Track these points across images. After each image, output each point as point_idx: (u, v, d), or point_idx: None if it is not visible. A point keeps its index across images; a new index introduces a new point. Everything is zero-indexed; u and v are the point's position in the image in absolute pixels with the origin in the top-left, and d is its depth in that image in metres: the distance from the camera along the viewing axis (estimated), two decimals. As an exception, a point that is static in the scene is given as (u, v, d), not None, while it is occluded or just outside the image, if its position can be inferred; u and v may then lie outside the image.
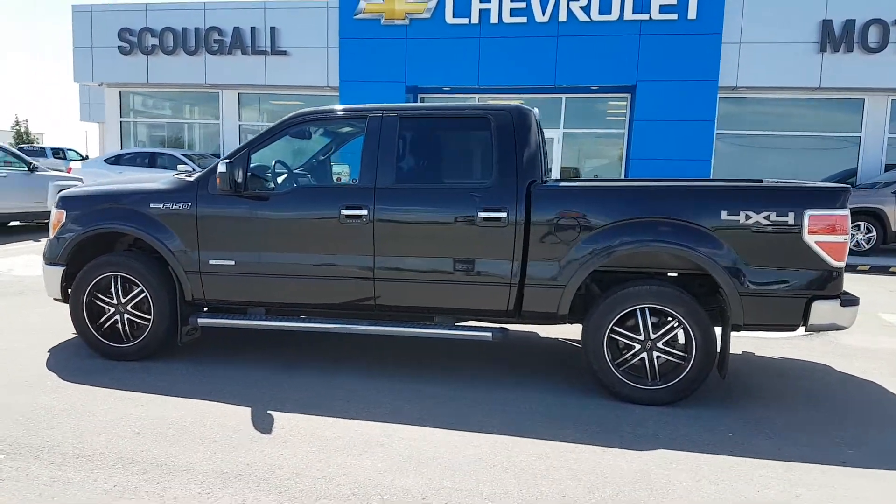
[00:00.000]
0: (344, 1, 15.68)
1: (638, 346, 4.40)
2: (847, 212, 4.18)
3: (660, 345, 4.37)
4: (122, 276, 4.92)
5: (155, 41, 17.13)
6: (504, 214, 4.45)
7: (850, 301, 4.26)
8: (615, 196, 4.49)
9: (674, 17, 14.28)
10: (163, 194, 4.87)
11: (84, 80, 18.04)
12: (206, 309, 5.10)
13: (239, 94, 17.70)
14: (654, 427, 4.03)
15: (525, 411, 4.22)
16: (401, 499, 3.08)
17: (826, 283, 4.20)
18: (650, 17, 14.36)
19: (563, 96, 15.95)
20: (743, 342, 6.03)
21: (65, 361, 4.95)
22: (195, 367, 4.92)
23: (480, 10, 15.13)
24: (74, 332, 5.12)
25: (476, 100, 16.39)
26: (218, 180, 4.58)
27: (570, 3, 14.68)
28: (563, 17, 14.78)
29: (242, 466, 3.35)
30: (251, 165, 4.83)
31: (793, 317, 4.24)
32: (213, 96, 18.04)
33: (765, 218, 4.18)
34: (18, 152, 12.41)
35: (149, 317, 4.92)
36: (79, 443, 3.57)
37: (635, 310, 4.37)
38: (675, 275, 4.62)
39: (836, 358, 5.69)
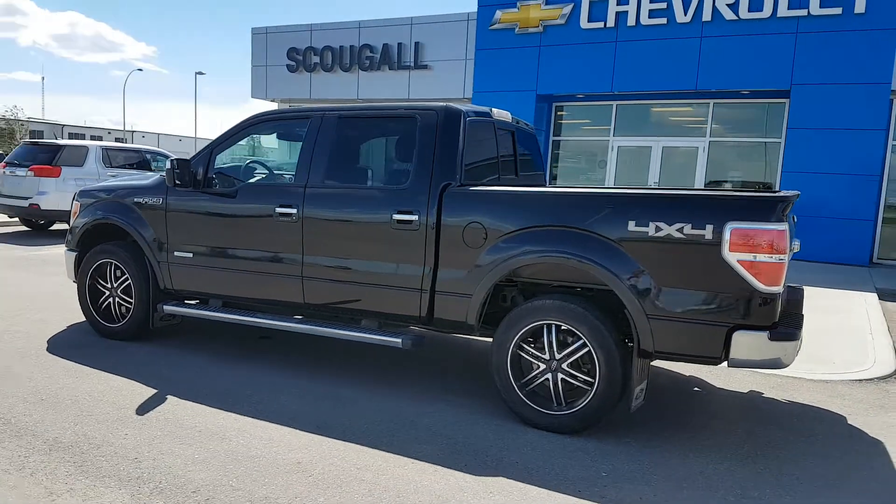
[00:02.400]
0: (481, 12, 15.84)
1: (543, 366, 3.96)
2: (784, 226, 3.41)
3: (565, 366, 3.90)
4: (113, 264, 5.48)
5: (317, 59, 18.62)
6: (415, 217, 4.26)
7: (784, 335, 3.46)
8: (520, 202, 4.08)
9: (837, 11, 12.42)
10: (145, 189, 5.34)
11: (259, 97, 20.11)
12: (197, 301, 5.48)
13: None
14: (522, 455, 3.61)
15: (403, 423, 3.99)
16: (175, 488, 3.09)
17: (751, 311, 3.46)
18: (808, 12, 12.64)
19: (711, 101, 14.60)
20: (761, 380, 5.14)
21: (68, 336, 5.62)
22: (163, 350, 5.31)
23: (617, 13, 14.40)
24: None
25: (614, 108, 15.63)
26: (165, 176, 4.94)
27: (717, 1, 13.41)
28: (707, 16, 13.55)
29: (81, 440, 3.58)
30: (220, 164, 5.14)
31: (711, 348, 3.55)
32: (365, 109, 19.16)
33: (678, 231, 3.55)
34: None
35: (132, 301, 5.42)
36: (-14, 402, 4.06)
37: (542, 326, 3.94)
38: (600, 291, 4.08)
39: (868, 409, 4.63)
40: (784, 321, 3.68)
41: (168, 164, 4.90)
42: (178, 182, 4.90)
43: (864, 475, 3.59)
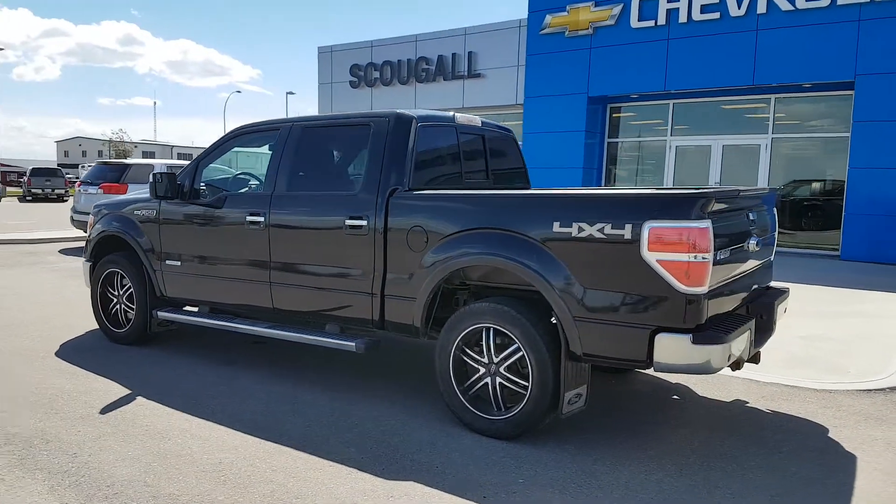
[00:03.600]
0: (532, 17, 15.76)
1: (483, 370, 3.91)
2: (706, 224, 3.22)
3: (502, 370, 3.83)
4: (119, 273, 5.82)
5: (376, 74, 19.07)
6: (365, 222, 4.31)
7: (708, 338, 3.25)
8: (456, 205, 4.06)
9: (905, -7, 11.56)
10: (144, 201, 5.65)
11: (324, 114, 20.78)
12: (197, 308, 5.73)
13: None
14: (448, 460, 3.57)
15: (344, 426, 4.03)
16: (92, 482, 3.25)
17: (673, 313, 3.28)
18: (873, -3, 11.83)
19: (772, 97, 13.87)
20: (754, 389, 4.85)
21: (81, 341, 6.00)
22: (158, 354, 5.59)
23: (668, 11, 13.98)
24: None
25: (671, 107, 15.11)
26: (148, 189, 5.22)
27: (772, -9, 12.78)
28: (762, 8, 12.93)
29: (36, 435, 3.82)
30: (207, 176, 5.39)
31: (636, 351, 3.39)
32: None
33: (599, 231, 3.43)
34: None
35: (134, 307, 5.74)
36: (-28, 400, 4.42)
37: (481, 329, 3.90)
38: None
39: (860, 421, 4.28)
40: (720, 324, 3.47)
41: (151, 178, 5.17)
42: (159, 194, 5.17)
43: (813, 491, 3.32)
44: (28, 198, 35.14)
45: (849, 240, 12.58)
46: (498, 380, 3.85)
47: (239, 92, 77.82)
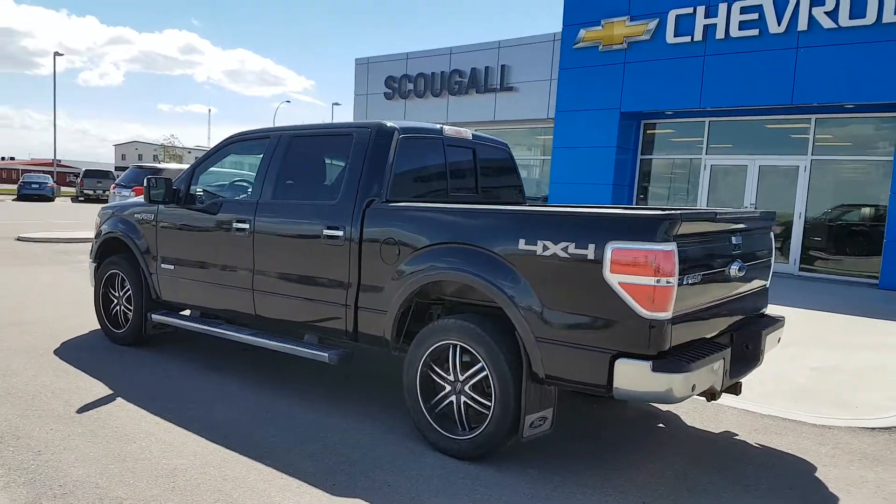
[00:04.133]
0: (566, 31, 15.63)
1: (449, 388, 3.83)
2: (671, 247, 3.09)
3: (467, 388, 3.74)
4: (120, 275, 5.93)
5: (410, 86, 19.18)
6: (341, 233, 4.29)
7: (669, 366, 3.10)
8: (426, 219, 3.99)
9: (954, 11, 11.07)
10: (144, 205, 5.74)
11: (359, 122, 20.99)
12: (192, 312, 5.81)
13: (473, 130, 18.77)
14: (404, 479, 3.49)
15: (310, 438, 3.99)
16: (46, 481, 3.28)
17: (633, 338, 3.14)
18: (919, 15, 11.36)
19: (813, 117, 13.42)
20: (748, 421, 4.64)
21: (84, 340, 6.12)
22: (152, 356, 5.66)
23: (705, 27, 13.67)
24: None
25: (706, 124, 14.77)
26: (143, 193, 5.30)
27: (813, 8, 12.37)
28: (802, 25, 12.53)
29: (9, 432, 3.87)
30: (207, 182, 5.46)
31: (596, 375, 3.26)
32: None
33: (563, 250, 3.32)
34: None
35: (132, 309, 5.83)
36: (-40, 394, 4.53)
37: (448, 346, 3.82)
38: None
39: (855, 461, 4.04)
40: (689, 351, 3.32)
41: (145, 182, 5.26)
42: (152, 198, 5.24)
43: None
44: (80, 198, 36.49)
45: (889, 268, 12.05)
46: (463, 399, 3.77)
47: (288, 102, 79.78)
